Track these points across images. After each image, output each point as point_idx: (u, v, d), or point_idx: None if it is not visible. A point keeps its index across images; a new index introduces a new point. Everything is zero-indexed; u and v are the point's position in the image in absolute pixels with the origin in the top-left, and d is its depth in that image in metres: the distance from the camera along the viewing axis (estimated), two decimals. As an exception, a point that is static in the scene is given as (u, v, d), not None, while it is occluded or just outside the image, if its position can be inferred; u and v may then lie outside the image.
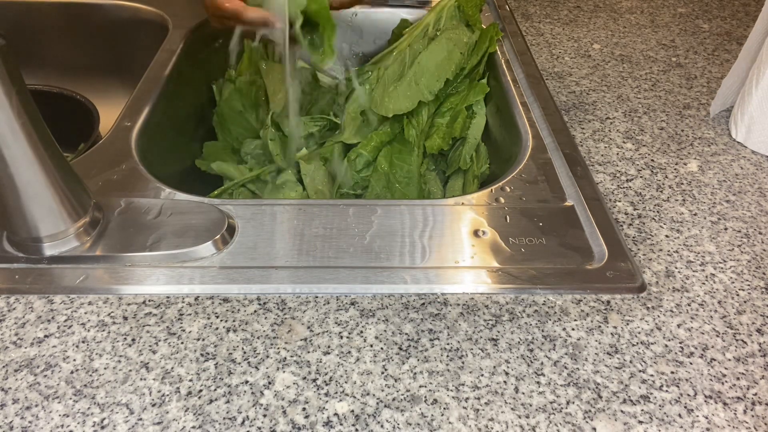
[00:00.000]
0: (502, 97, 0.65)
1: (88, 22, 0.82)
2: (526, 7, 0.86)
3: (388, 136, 0.63)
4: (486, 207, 0.48)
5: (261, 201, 0.54)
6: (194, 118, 0.71)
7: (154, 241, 0.43)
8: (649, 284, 0.43)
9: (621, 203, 0.51)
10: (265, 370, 0.36)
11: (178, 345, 0.37)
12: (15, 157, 0.37)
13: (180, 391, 0.35)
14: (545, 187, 0.50)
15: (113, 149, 0.54)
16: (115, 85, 0.87)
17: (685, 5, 0.88)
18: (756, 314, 0.41)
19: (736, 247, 0.47)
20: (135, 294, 0.41)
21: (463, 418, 0.34)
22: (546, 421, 0.34)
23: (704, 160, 0.57)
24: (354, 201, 0.53)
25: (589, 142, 0.58)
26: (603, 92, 0.67)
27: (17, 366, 0.36)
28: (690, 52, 0.75)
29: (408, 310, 0.40)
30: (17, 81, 0.35)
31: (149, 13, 0.79)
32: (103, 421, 0.33)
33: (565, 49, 0.75)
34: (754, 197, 0.52)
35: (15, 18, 0.81)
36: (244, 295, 0.41)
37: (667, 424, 0.34)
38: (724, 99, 0.62)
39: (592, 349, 0.38)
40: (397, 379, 0.36)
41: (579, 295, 0.42)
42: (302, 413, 0.34)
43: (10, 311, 0.39)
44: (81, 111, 0.71)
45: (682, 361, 0.38)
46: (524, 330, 0.39)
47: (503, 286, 0.42)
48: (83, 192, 0.43)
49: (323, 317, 0.39)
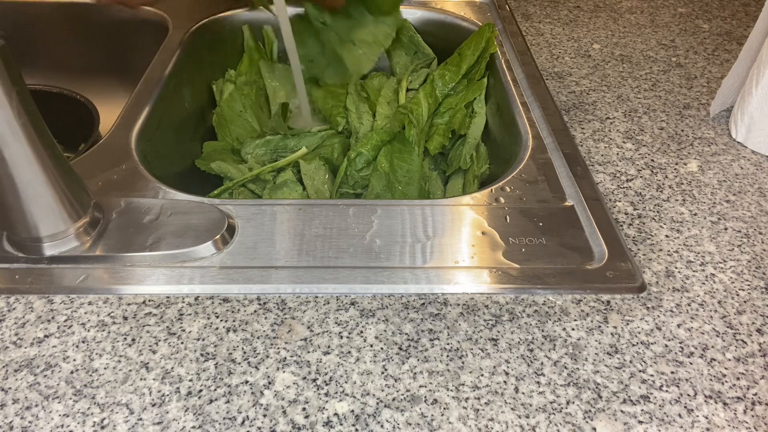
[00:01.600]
0: (502, 96, 0.65)
1: (88, 22, 0.82)
2: (526, 7, 0.86)
3: (388, 135, 0.63)
4: (486, 207, 0.48)
5: (261, 201, 0.54)
6: (194, 118, 0.71)
7: (154, 241, 0.43)
8: (649, 284, 0.43)
9: (621, 203, 0.51)
10: (265, 370, 0.36)
11: (178, 345, 0.37)
12: (15, 157, 0.37)
13: (180, 391, 0.35)
14: (545, 187, 0.50)
15: (113, 149, 0.54)
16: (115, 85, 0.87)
17: (685, 5, 0.88)
18: (756, 314, 0.41)
19: (736, 247, 0.47)
20: (135, 294, 0.41)
21: (463, 418, 0.34)
22: (546, 421, 0.34)
23: (704, 160, 0.57)
24: (354, 201, 0.53)
25: (589, 142, 0.58)
26: (603, 92, 0.67)
27: (17, 366, 0.36)
28: (690, 52, 0.75)
29: (408, 310, 0.40)
30: (17, 81, 0.35)
31: (149, 13, 0.79)
32: (103, 421, 0.33)
33: (565, 49, 0.75)
34: (754, 197, 0.52)
35: (15, 18, 0.82)
36: (244, 295, 0.41)
37: (667, 424, 0.34)
38: (724, 99, 0.62)
39: (592, 349, 0.38)
40: (397, 379, 0.36)
41: (579, 295, 0.42)
42: (302, 413, 0.34)
43: (10, 311, 0.39)
44: (81, 111, 0.71)
45: (682, 361, 0.38)
46: (524, 330, 0.39)
47: (503, 286, 0.42)
48: (83, 192, 0.43)
49: (323, 317, 0.39)
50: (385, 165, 0.62)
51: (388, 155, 0.63)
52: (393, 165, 0.62)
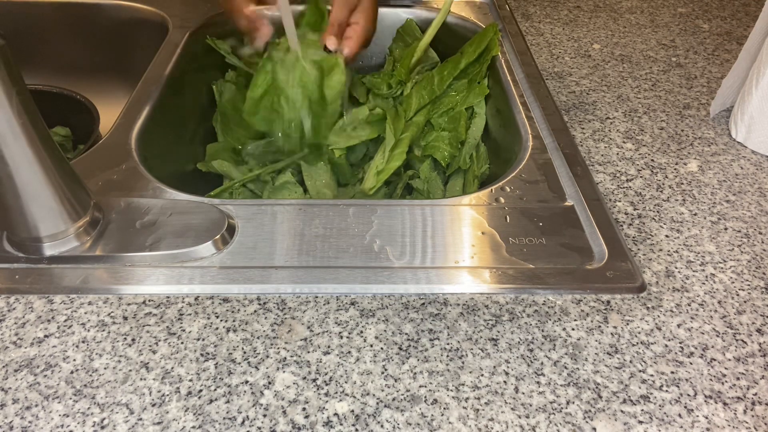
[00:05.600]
0: (502, 97, 0.65)
1: (88, 22, 0.82)
2: (526, 7, 0.86)
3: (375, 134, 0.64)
4: (486, 207, 0.48)
5: (261, 201, 0.54)
6: (194, 118, 0.71)
7: (154, 241, 0.43)
8: (649, 284, 0.43)
9: (621, 203, 0.51)
10: (265, 370, 0.36)
11: (178, 345, 0.37)
12: (15, 157, 0.37)
13: (180, 391, 0.35)
14: (545, 187, 0.50)
15: (113, 149, 0.54)
16: (115, 85, 0.86)
17: (685, 5, 0.88)
18: (756, 314, 0.41)
19: (736, 247, 0.47)
20: (135, 294, 0.41)
21: (463, 418, 0.34)
22: (546, 421, 0.34)
23: (704, 160, 0.57)
24: (354, 201, 0.53)
25: (589, 142, 0.58)
26: (603, 92, 0.67)
27: (17, 366, 0.36)
28: (690, 52, 0.75)
29: (408, 310, 0.40)
30: (17, 81, 0.35)
31: (149, 13, 0.79)
32: (103, 421, 0.33)
33: (565, 49, 0.75)
34: (754, 197, 0.52)
35: (15, 18, 0.81)
36: (244, 295, 0.41)
37: (667, 424, 0.34)
38: (724, 99, 0.62)
39: (592, 349, 0.38)
40: (397, 379, 0.36)
41: (579, 295, 0.42)
42: (302, 413, 0.34)
43: (10, 311, 0.39)
44: (81, 111, 0.71)
45: (682, 361, 0.38)
46: (524, 330, 0.39)
47: (503, 286, 0.42)
48: (83, 192, 0.43)
49: (323, 317, 0.39)
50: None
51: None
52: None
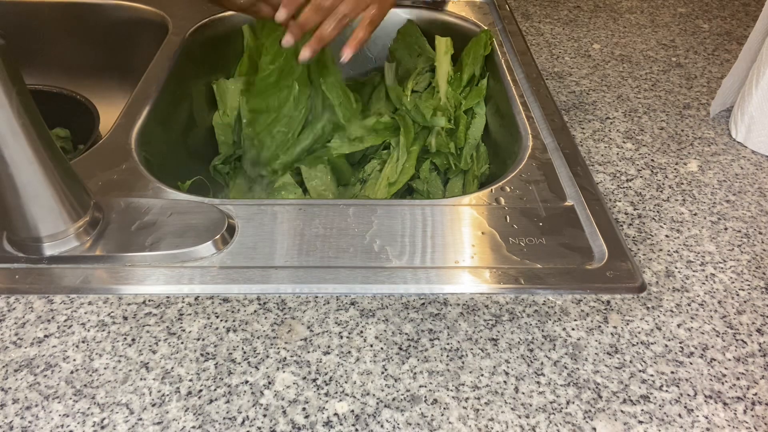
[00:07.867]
0: (502, 97, 0.65)
1: (88, 22, 0.82)
2: (526, 7, 0.86)
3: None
4: (486, 207, 0.48)
5: (261, 201, 0.53)
6: (194, 118, 0.71)
7: (154, 241, 0.43)
8: (649, 284, 0.43)
9: (621, 203, 0.51)
10: (265, 370, 0.36)
11: (178, 345, 0.37)
12: (15, 157, 0.37)
13: (180, 391, 0.35)
14: (545, 187, 0.50)
15: (113, 149, 0.54)
16: (115, 85, 0.86)
17: (685, 5, 0.88)
18: (756, 314, 0.41)
19: (736, 247, 0.47)
20: (135, 294, 0.41)
21: (463, 418, 0.34)
22: (546, 421, 0.34)
23: (704, 160, 0.57)
24: (354, 201, 0.53)
25: (589, 142, 0.58)
26: (603, 92, 0.67)
27: (17, 366, 0.36)
28: (690, 52, 0.75)
29: (408, 310, 0.40)
30: (17, 81, 0.35)
31: (149, 13, 0.79)
32: (103, 421, 0.33)
33: (565, 49, 0.75)
34: (754, 197, 0.52)
35: (15, 18, 0.82)
36: (244, 295, 0.41)
37: (667, 424, 0.34)
38: (724, 99, 0.62)
39: (592, 349, 0.38)
40: (397, 379, 0.36)
41: (579, 295, 0.42)
42: (302, 413, 0.34)
43: (10, 311, 0.39)
44: (81, 111, 0.71)
45: (682, 361, 0.38)
46: (524, 330, 0.39)
47: (503, 286, 0.42)
48: (83, 192, 0.43)
49: (323, 317, 0.39)
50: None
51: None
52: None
